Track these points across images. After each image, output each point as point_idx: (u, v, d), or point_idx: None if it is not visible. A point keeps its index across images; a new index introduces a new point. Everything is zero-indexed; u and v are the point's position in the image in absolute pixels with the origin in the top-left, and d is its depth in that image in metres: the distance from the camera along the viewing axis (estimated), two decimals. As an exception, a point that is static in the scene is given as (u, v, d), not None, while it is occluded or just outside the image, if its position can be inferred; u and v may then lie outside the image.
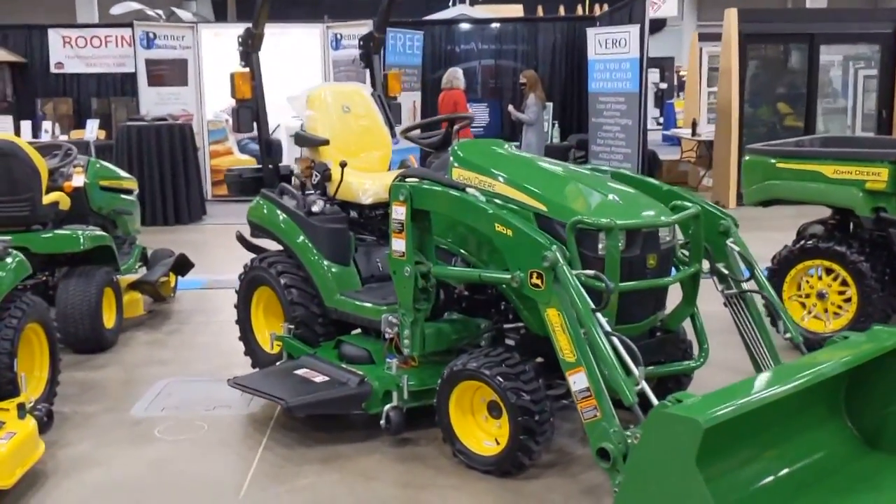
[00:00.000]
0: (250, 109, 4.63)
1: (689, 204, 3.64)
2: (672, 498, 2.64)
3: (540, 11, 17.96)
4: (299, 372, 3.95)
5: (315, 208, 4.29)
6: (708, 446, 2.91)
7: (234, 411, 4.17)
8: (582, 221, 3.28)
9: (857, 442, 3.55)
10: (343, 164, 4.32)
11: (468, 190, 3.57)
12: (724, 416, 2.65)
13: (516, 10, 16.46)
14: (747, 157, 5.21)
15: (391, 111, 5.12)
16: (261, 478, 3.49)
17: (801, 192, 4.91)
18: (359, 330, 4.28)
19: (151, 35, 12.02)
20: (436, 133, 4.37)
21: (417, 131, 4.75)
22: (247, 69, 4.64)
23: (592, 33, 10.76)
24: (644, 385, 2.99)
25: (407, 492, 3.35)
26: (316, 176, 4.51)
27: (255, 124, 4.67)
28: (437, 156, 4.26)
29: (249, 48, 4.66)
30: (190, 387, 4.59)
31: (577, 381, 3.08)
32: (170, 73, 12.02)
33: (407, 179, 3.72)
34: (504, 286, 3.49)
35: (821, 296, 4.87)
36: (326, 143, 4.51)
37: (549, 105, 11.99)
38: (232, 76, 4.62)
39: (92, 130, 11.44)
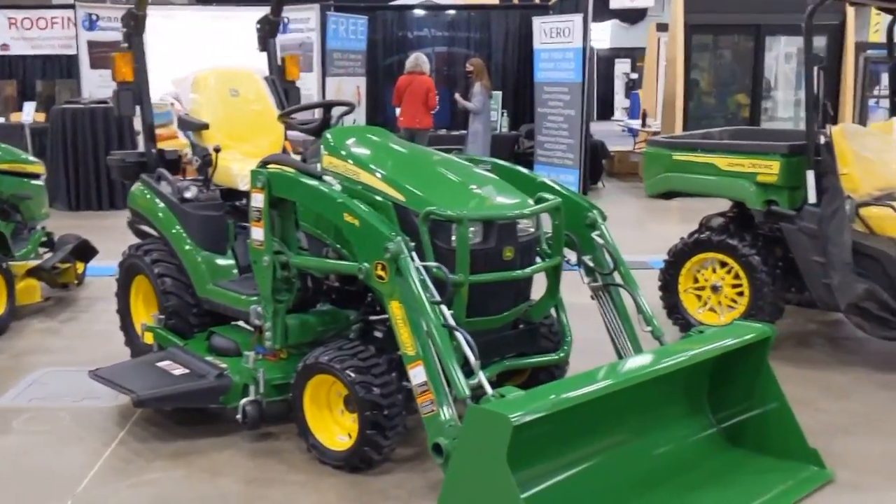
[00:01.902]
0: (132, 92, 4.51)
1: (552, 196, 3.56)
2: (485, 495, 2.59)
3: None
4: (161, 364, 3.85)
5: (188, 194, 4.18)
6: (535, 443, 2.87)
7: (101, 403, 4.06)
8: (433, 212, 3.21)
9: (717, 438, 3.52)
10: (217, 150, 4.22)
11: (325, 178, 3.49)
12: (536, 412, 2.58)
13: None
14: (648, 149, 5.15)
15: (289, 96, 5.02)
16: (106, 472, 3.40)
17: (697, 184, 4.87)
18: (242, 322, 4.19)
19: (94, 16, 11.80)
20: (314, 119, 4.26)
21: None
22: (129, 51, 4.52)
23: (538, 22, 10.66)
24: (482, 379, 2.93)
25: (250, 488, 3.26)
26: (196, 161, 4.41)
27: (137, 108, 4.54)
28: (316, 142, 4.16)
29: (132, 30, 4.54)
30: (67, 377, 4.47)
31: (417, 374, 3.02)
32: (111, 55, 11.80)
33: (268, 166, 3.63)
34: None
35: (715, 288, 4.82)
36: (206, 127, 4.39)
37: (499, 94, 11.90)
38: (112, 58, 4.50)
39: (28, 113, 11.24)
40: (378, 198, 3.37)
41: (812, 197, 4.43)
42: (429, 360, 2.98)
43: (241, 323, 4.14)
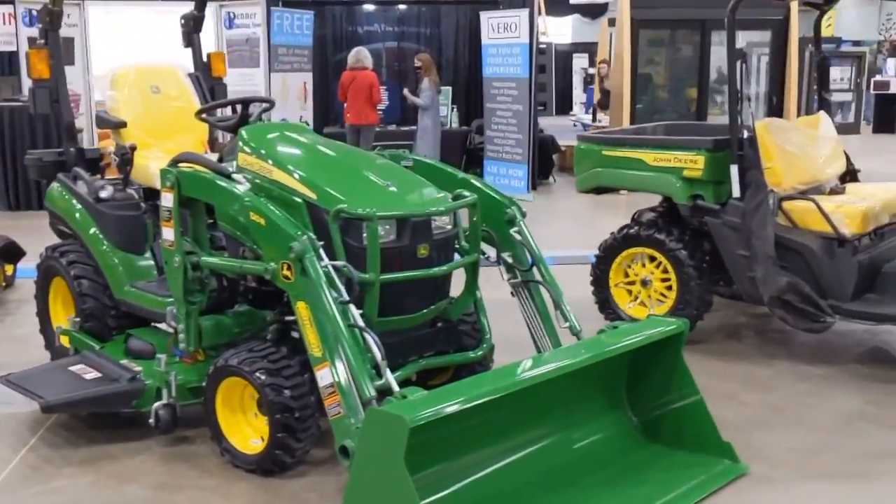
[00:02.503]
0: (48, 89, 4.40)
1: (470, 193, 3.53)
2: (385, 498, 2.55)
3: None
4: (74, 368, 3.77)
5: (103, 194, 4.09)
6: (445, 443, 2.84)
7: (16, 408, 3.94)
8: (343, 210, 3.16)
9: (635, 433, 3.52)
10: (132, 148, 4.13)
11: (235, 176, 3.42)
12: (436, 413, 2.55)
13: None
14: (579, 145, 5.15)
15: (214, 93, 4.94)
16: (12, 480, 3.31)
17: (625, 179, 4.88)
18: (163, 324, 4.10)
19: (34, 12, 11.52)
20: (231, 116, 4.18)
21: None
22: (44, 47, 4.40)
23: (485, 17, 10.63)
24: (390, 380, 2.89)
25: (159, 494, 3.20)
26: (115, 159, 4.31)
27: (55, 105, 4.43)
28: (233, 139, 4.08)
29: (48, 26, 4.43)
30: (-19, 382, 4.34)
31: (323, 376, 2.98)
32: (55, 51, 11.56)
33: (179, 165, 3.55)
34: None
35: (645, 283, 4.83)
36: (123, 125, 4.30)
37: (449, 89, 11.85)
38: (27, 54, 4.39)
39: (-38, 112, 10.92)
40: (294, 197, 3.32)
41: (736, 191, 4.45)
42: (335, 361, 2.94)
43: (161, 325, 4.07)
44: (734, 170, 4.44)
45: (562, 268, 6.30)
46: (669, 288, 4.76)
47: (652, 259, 4.80)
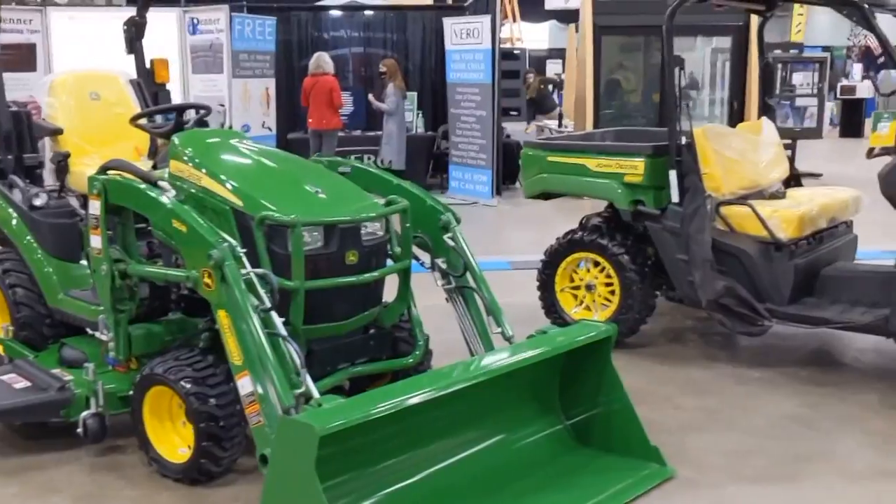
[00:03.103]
0: (-15, 97, 4.36)
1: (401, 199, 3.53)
2: (296, 506, 2.54)
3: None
4: (4, 377, 3.71)
5: (38, 202, 4.05)
6: (365, 451, 2.84)
7: (-54, 419, 3.90)
8: (267, 217, 3.16)
9: (567, 438, 3.53)
10: (66, 155, 4.10)
11: (161, 184, 3.41)
12: (347, 421, 2.54)
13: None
14: (526, 151, 5.17)
15: (157, 99, 4.91)
16: (-66, 493, 3.27)
17: (568, 185, 4.90)
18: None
19: (-5, 18, 11.42)
20: (166, 123, 4.16)
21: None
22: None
23: (449, 23, 10.66)
24: (310, 388, 2.88)
25: (82, 505, 3.17)
26: (52, 167, 4.28)
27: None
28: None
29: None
30: (-83, 393, 4.28)
31: (244, 385, 2.96)
32: (15, 57, 11.42)
33: (108, 172, 3.53)
34: None
35: (589, 287, 4.86)
36: (60, 132, 4.27)
37: (415, 95, 11.87)
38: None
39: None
40: (223, 204, 3.31)
41: (675, 196, 4.49)
42: (255, 370, 2.93)
43: (97, 333, 4.02)
44: (673, 175, 4.48)
45: (520, 273, 6.33)
46: (613, 292, 4.78)
47: (596, 264, 4.82)
